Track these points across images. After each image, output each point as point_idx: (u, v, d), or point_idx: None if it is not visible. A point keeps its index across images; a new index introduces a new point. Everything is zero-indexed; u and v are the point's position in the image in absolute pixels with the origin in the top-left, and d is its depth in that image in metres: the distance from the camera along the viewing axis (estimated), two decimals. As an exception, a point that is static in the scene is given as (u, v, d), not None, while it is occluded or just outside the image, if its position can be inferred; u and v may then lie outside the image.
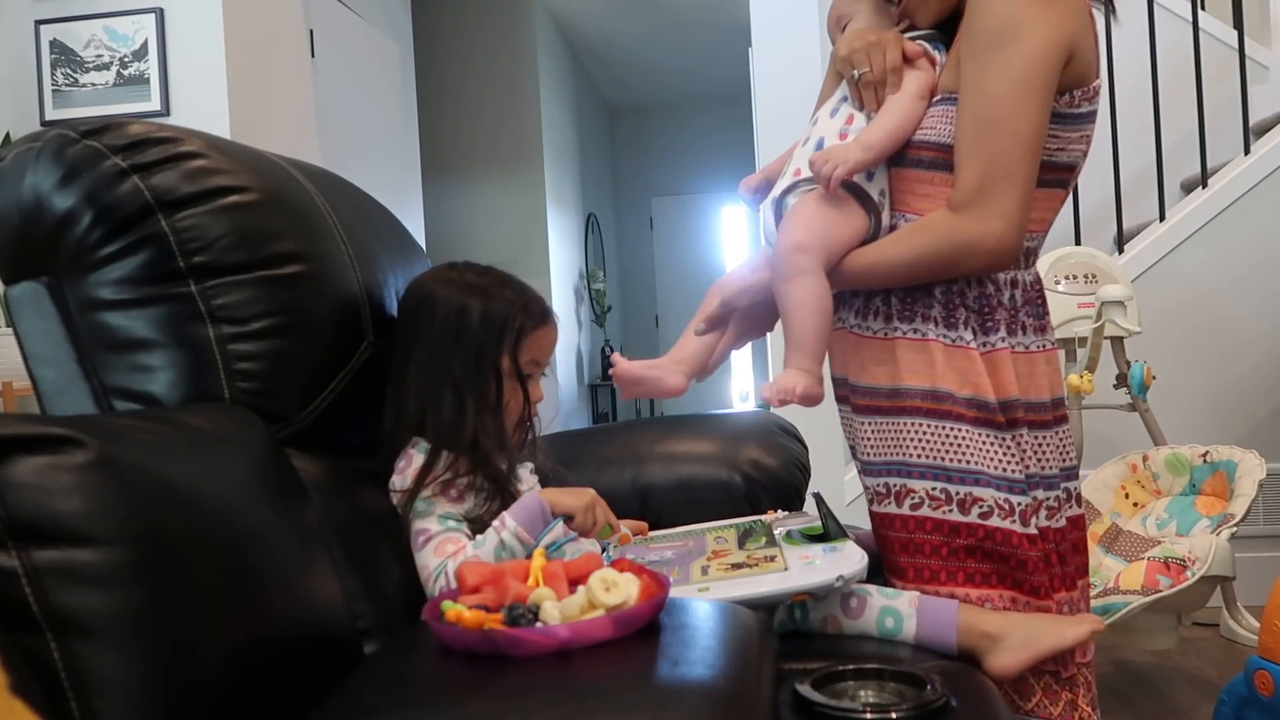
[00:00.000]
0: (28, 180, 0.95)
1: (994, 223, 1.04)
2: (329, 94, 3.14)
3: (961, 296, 1.11)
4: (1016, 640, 1.03)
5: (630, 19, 5.61)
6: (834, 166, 1.08)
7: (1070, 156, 1.12)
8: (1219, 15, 3.33)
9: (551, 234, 5.09)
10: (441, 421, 1.08)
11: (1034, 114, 1.04)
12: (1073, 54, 1.05)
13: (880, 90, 1.14)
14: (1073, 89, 1.07)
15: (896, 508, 1.13)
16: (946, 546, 1.10)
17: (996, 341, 1.10)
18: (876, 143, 1.11)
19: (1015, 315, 1.12)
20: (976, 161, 1.05)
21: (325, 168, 1.29)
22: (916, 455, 1.11)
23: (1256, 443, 2.42)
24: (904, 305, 1.13)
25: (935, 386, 1.10)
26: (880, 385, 1.15)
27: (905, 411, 1.12)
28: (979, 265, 1.08)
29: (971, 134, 1.06)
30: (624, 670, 0.71)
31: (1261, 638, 1.52)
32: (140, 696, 0.65)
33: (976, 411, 1.09)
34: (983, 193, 1.05)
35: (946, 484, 1.10)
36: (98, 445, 0.69)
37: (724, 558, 1.11)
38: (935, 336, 1.11)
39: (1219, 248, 2.83)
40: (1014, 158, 1.04)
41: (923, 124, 1.13)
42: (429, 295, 1.12)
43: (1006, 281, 1.12)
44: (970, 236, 1.06)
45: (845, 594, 1.08)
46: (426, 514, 1.06)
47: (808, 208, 1.14)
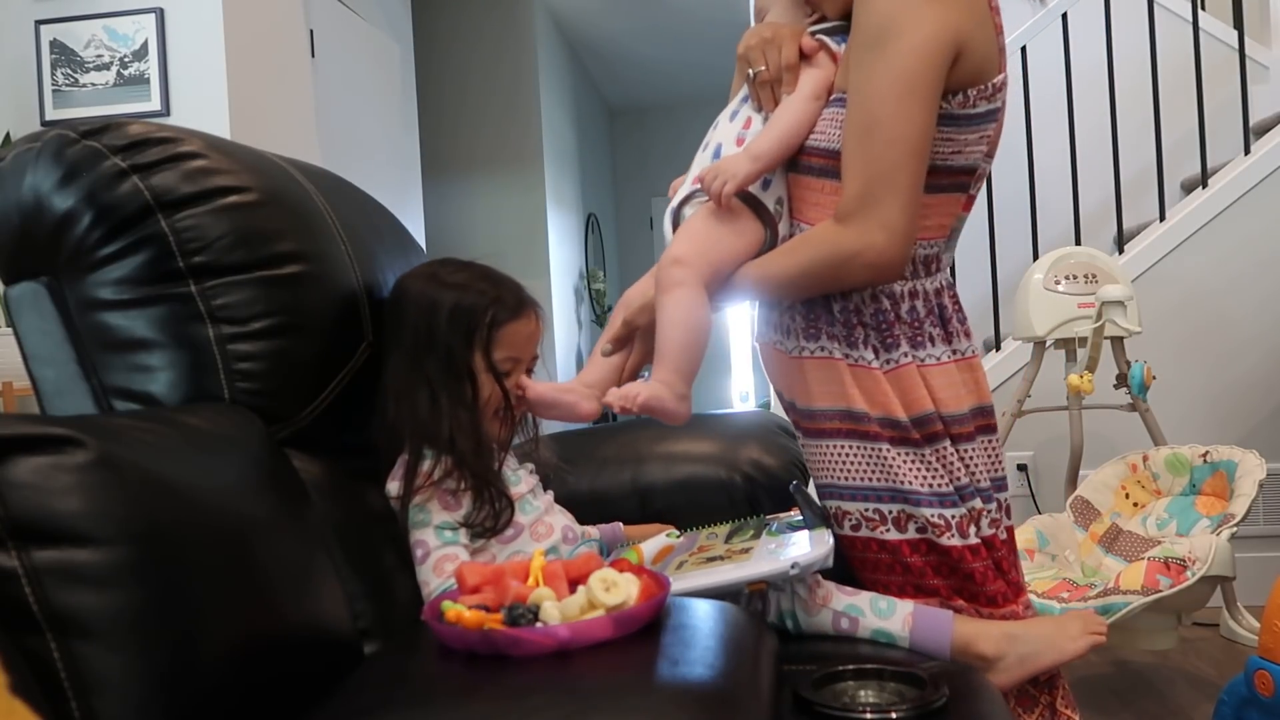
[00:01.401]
0: (28, 180, 0.95)
1: (876, 234, 1.00)
2: (329, 94, 3.14)
3: (859, 314, 1.07)
4: (1012, 660, 1.02)
5: (630, 19, 5.61)
6: (723, 182, 1.04)
7: (969, 159, 1.07)
8: (1219, 15, 3.33)
9: (551, 234, 5.08)
10: (419, 422, 1.06)
11: (916, 117, 0.98)
12: (961, 51, 0.99)
13: (776, 89, 1.10)
14: (966, 88, 1.02)
15: (840, 529, 1.11)
16: (899, 564, 1.08)
17: (900, 357, 1.06)
18: (765, 152, 1.06)
19: (919, 327, 1.08)
20: (858, 169, 1.00)
21: (325, 168, 1.29)
22: (843, 477, 1.09)
23: (1256, 443, 2.42)
24: (808, 323, 1.10)
25: (849, 407, 1.08)
26: (801, 405, 1.12)
27: (825, 434, 1.10)
28: (864, 279, 1.04)
29: (853, 140, 1.01)
30: (624, 670, 0.71)
31: (1261, 638, 1.52)
32: (140, 696, 0.65)
33: (891, 430, 1.06)
34: (865, 202, 1.00)
35: (878, 504, 1.07)
36: (98, 445, 0.69)
37: (705, 553, 1.11)
38: (840, 355, 1.08)
39: (1219, 248, 2.83)
40: (896, 165, 0.98)
41: (816, 128, 1.08)
42: (404, 293, 1.11)
43: (904, 293, 1.08)
44: (852, 249, 1.01)
45: (837, 614, 1.06)
46: (424, 524, 1.04)
47: (696, 221, 1.10)
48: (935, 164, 1.03)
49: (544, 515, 1.14)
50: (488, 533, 1.07)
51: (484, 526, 1.06)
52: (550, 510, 1.16)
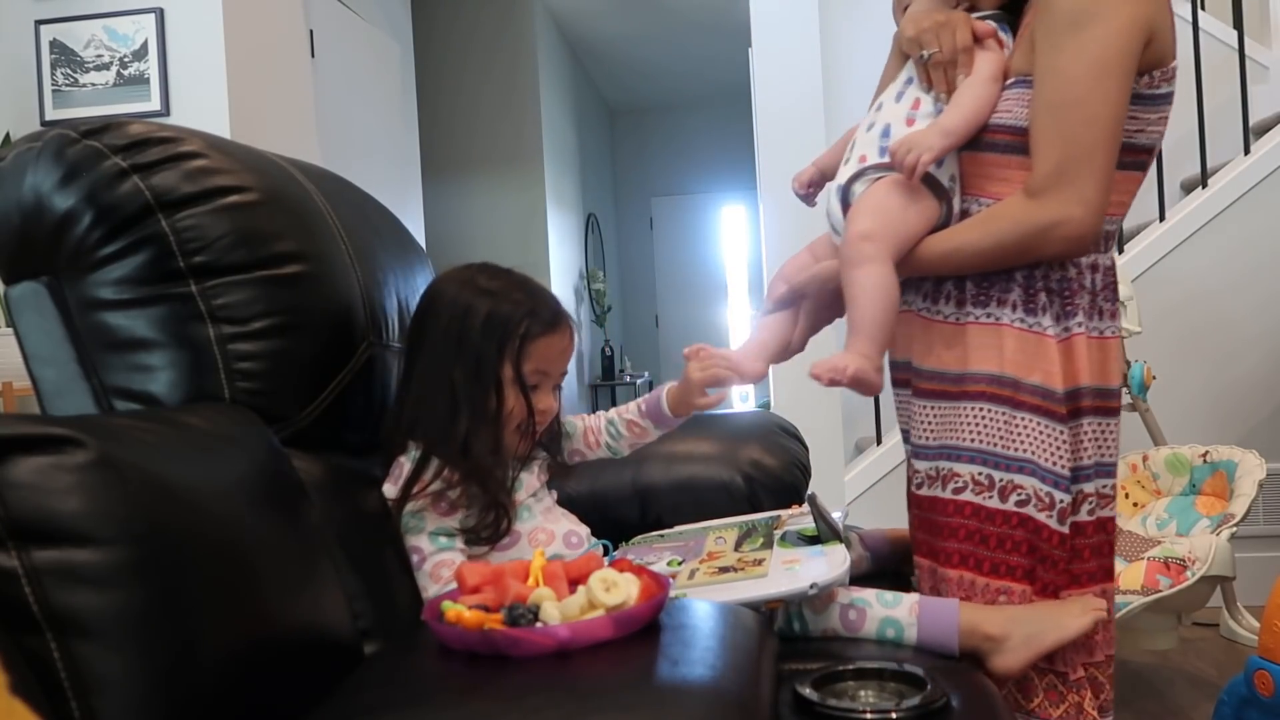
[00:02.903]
0: (28, 180, 0.95)
1: (1074, 208, 1.03)
2: (329, 94, 3.14)
3: (1045, 279, 1.09)
4: (1018, 640, 1.03)
5: (630, 19, 5.61)
6: (916, 155, 1.06)
7: (1150, 138, 1.11)
8: (1219, 15, 3.33)
9: (551, 234, 5.09)
10: (435, 429, 1.05)
11: (1113, 96, 1.02)
12: (1152, 36, 1.04)
13: (950, 71, 1.12)
14: (1152, 70, 1.06)
15: (941, 491, 1.13)
16: (979, 534, 1.10)
17: (1074, 326, 1.09)
18: (956, 128, 1.09)
19: (1095, 299, 1.11)
20: (1053, 145, 1.03)
21: (325, 168, 1.29)
22: (969, 439, 1.11)
23: (1256, 443, 2.42)
24: (979, 290, 1.12)
25: (1001, 372, 1.09)
26: (947, 370, 1.14)
27: (967, 396, 1.11)
28: (1056, 251, 1.07)
29: (1047, 118, 1.04)
30: (624, 670, 0.71)
31: (1261, 638, 1.52)
32: (140, 696, 0.65)
33: (1039, 400, 1.08)
34: (1061, 177, 1.03)
35: (993, 470, 1.09)
36: (98, 445, 0.69)
37: (716, 560, 1.11)
38: (1009, 321, 1.10)
39: (1219, 248, 2.83)
40: (1092, 141, 1.02)
41: (998, 107, 1.10)
42: (438, 295, 1.10)
43: (1088, 265, 1.10)
44: (1049, 221, 1.04)
45: (844, 605, 1.07)
46: (418, 530, 1.04)
47: (877, 196, 1.11)
48: (1122, 142, 1.06)
49: (544, 522, 1.13)
50: (484, 541, 1.06)
51: (479, 536, 1.06)
52: (551, 516, 1.15)
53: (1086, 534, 1.10)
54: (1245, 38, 2.96)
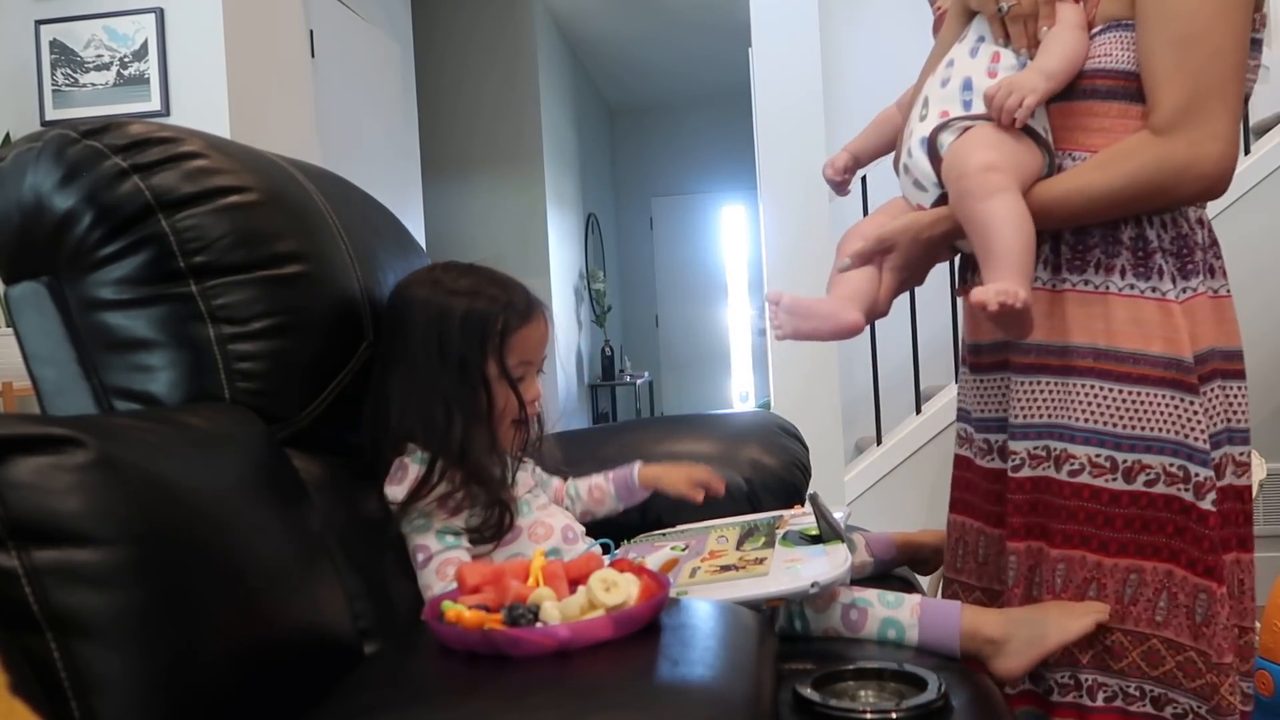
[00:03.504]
0: (28, 180, 0.95)
1: (1210, 144, 0.98)
2: (329, 94, 3.14)
3: (1159, 239, 1.04)
4: (1020, 643, 1.02)
5: (630, 19, 5.61)
6: (1020, 98, 1.01)
7: (1249, 85, 1.06)
8: (1219, 15, 3.33)
9: (551, 234, 5.09)
10: (433, 436, 1.05)
11: (1237, 30, 0.98)
12: None
13: (1030, 24, 1.06)
14: (1258, 10, 1.02)
15: (1055, 472, 1.07)
16: (1103, 515, 1.05)
17: (1197, 286, 1.04)
18: (1058, 70, 1.03)
19: (1207, 256, 1.06)
20: (1179, 81, 0.98)
21: (325, 168, 1.29)
22: (1082, 419, 1.06)
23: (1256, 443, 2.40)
24: (1075, 254, 1.07)
25: (1110, 345, 1.04)
26: (1047, 342, 1.08)
27: (1074, 371, 1.06)
28: (1192, 192, 1.01)
29: (1168, 53, 0.99)
30: (624, 670, 0.71)
31: (1262, 638, 1.52)
32: (140, 696, 0.65)
33: (1163, 371, 1.03)
34: (1192, 113, 0.98)
35: (1114, 451, 1.04)
36: (98, 445, 0.69)
37: (717, 559, 1.11)
38: (1116, 289, 1.05)
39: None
40: (1221, 75, 0.98)
41: (1094, 52, 1.05)
42: (409, 302, 1.09)
43: (1197, 220, 1.06)
44: (1184, 160, 0.99)
45: (845, 605, 1.07)
46: (425, 529, 1.04)
47: (987, 134, 1.04)
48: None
49: (542, 516, 1.13)
50: (488, 538, 1.07)
51: (483, 533, 1.06)
52: (548, 511, 1.16)
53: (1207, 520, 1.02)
54: (1245, 38, 2.95)
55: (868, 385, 2.95)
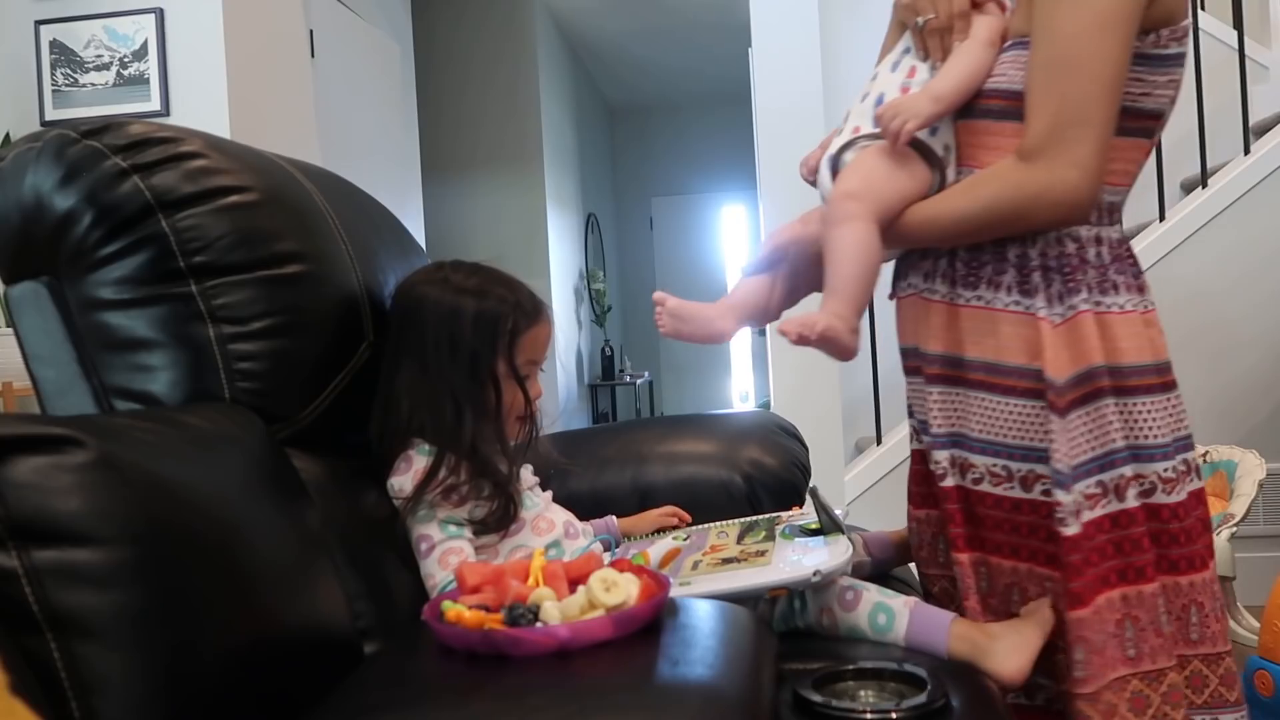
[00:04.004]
0: (28, 180, 0.95)
1: (1068, 171, 0.98)
2: (329, 94, 3.14)
3: (1041, 258, 1.05)
4: (1012, 643, 1.01)
5: (630, 19, 5.61)
6: (903, 121, 1.02)
7: (1157, 103, 1.05)
8: (1219, 15, 3.33)
9: (551, 234, 5.09)
10: (443, 429, 1.06)
11: (1112, 54, 0.97)
12: None
13: (946, 38, 1.08)
14: (1160, 28, 1.01)
15: (960, 480, 1.09)
16: (1009, 522, 1.06)
17: (1079, 304, 1.03)
18: (946, 94, 1.05)
19: (1104, 274, 1.06)
20: (1048, 106, 0.98)
21: (325, 168, 1.29)
22: (977, 430, 1.07)
23: (1256, 442, 2.42)
24: (969, 270, 1.08)
25: (998, 360, 1.05)
26: (945, 353, 1.10)
27: (966, 383, 1.08)
28: (1050, 218, 1.02)
29: (1043, 77, 0.99)
30: (624, 670, 0.71)
31: (1261, 638, 1.52)
32: (140, 696, 0.65)
33: (1036, 384, 1.03)
34: (1055, 139, 0.98)
35: (1008, 461, 1.05)
36: (98, 445, 0.69)
37: (718, 553, 1.11)
38: (1002, 305, 1.06)
39: (1219, 248, 2.83)
40: (1090, 101, 0.97)
41: (993, 71, 1.06)
42: (419, 300, 1.10)
43: (1090, 239, 1.06)
44: (1041, 186, 0.99)
45: (843, 586, 1.07)
46: (428, 519, 1.04)
47: (866, 159, 1.08)
48: (1125, 106, 1.01)
49: (544, 511, 1.14)
50: (493, 529, 1.07)
51: (488, 524, 1.07)
52: (549, 507, 1.17)
53: (1119, 526, 1.01)
54: (1245, 38, 2.95)
55: (868, 385, 2.95)
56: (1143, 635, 1.01)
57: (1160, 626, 1.02)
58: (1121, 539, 1.02)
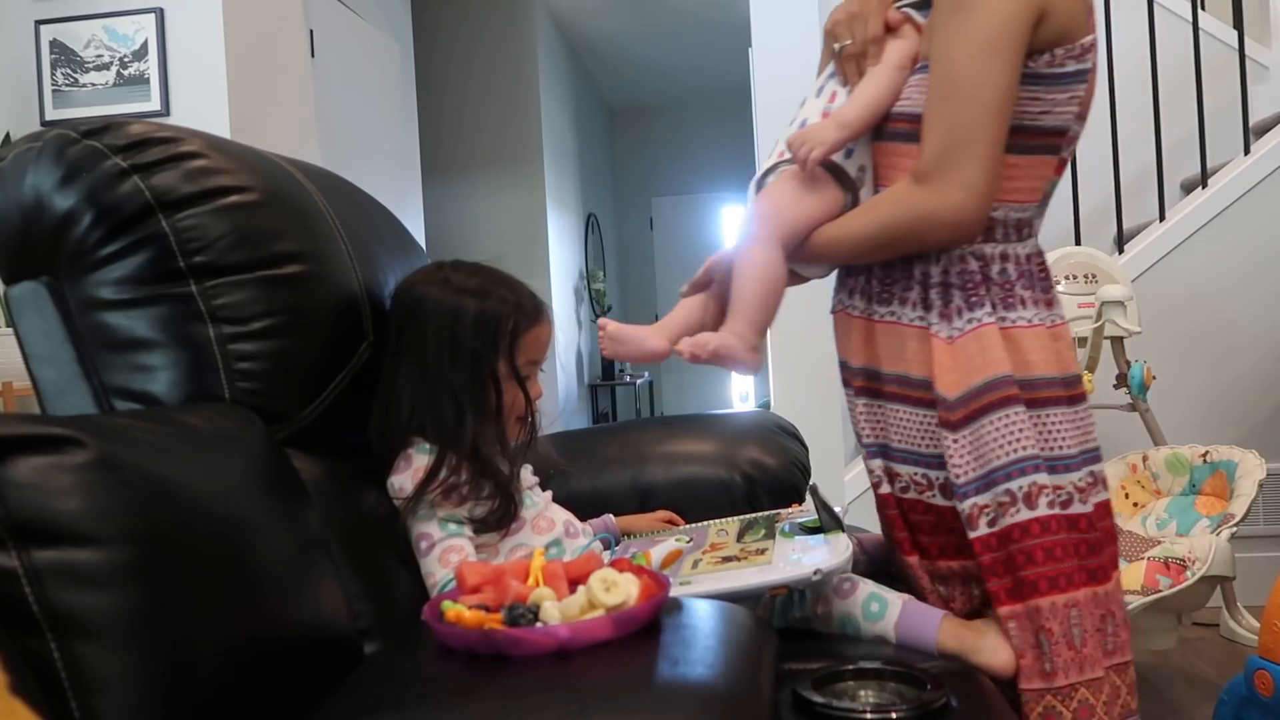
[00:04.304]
0: (28, 180, 0.95)
1: (955, 193, 1.01)
2: (329, 94, 3.14)
3: (944, 275, 1.07)
4: (1000, 637, 1.02)
5: (630, 18, 5.61)
6: (810, 148, 1.06)
7: (1059, 120, 1.07)
8: (1219, 15, 3.33)
9: (551, 234, 5.09)
10: (444, 429, 1.07)
11: (997, 78, 0.99)
12: (1045, 11, 1.01)
13: (861, 62, 1.12)
14: (1053, 47, 1.03)
15: (890, 489, 1.12)
16: (943, 526, 1.09)
17: (983, 317, 1.05)
18: (851, 120, 1.08)
19: (1010, 290, 1.07)
20: (938, 130, 1.02)
21: (325, 168, 1.29)
22: (897, 440, 1.10)
23: (1256, 443, 2.42)
24: (883, 287, 1.11)
25: (908, 373, 1.09)
26: (866, 366, 1.13)
27: (884, 395, 1.11)
28: (941, 238, 1.05)
29: (934, 101, 1.03)
30: (624, 670, 0.71)
31: (1261, 638, 1.52)
32: (140, 696, 0.65)
33: (926, 395, 1.07)
34: (944, 162, 1.01)
35: (926, 469, 1.09)
36: (98, 445, 0.69)
37: (719, 551, 1.11)
38: (908, 321, 1.09)
39: (1219, 248, 2.83)
40: (975, 125, 1.00)
41: (903, 94, 1.09)
42: (419, 300, 1.10)
43: (995, 255, 1.07)
44: (930, 207, 1.02)
45: (840, 576, 1.07)
46: (428, 518, 1.05)
47: (779, 185, 1.12)
48: (1024, 124, 1.04)
49: (544, 510, 1.15)
50: (493, 528, 1.08)
51: (488, 523, 1.07)
52: (549, 506, 1.17)
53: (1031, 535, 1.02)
54: (1245, 38, 2.95)
55: (868, 385, 2.95)
56: (1056, 649, 1.01)
57: (1072, 639, 1.01)
58: (1033, 548, 1.02)
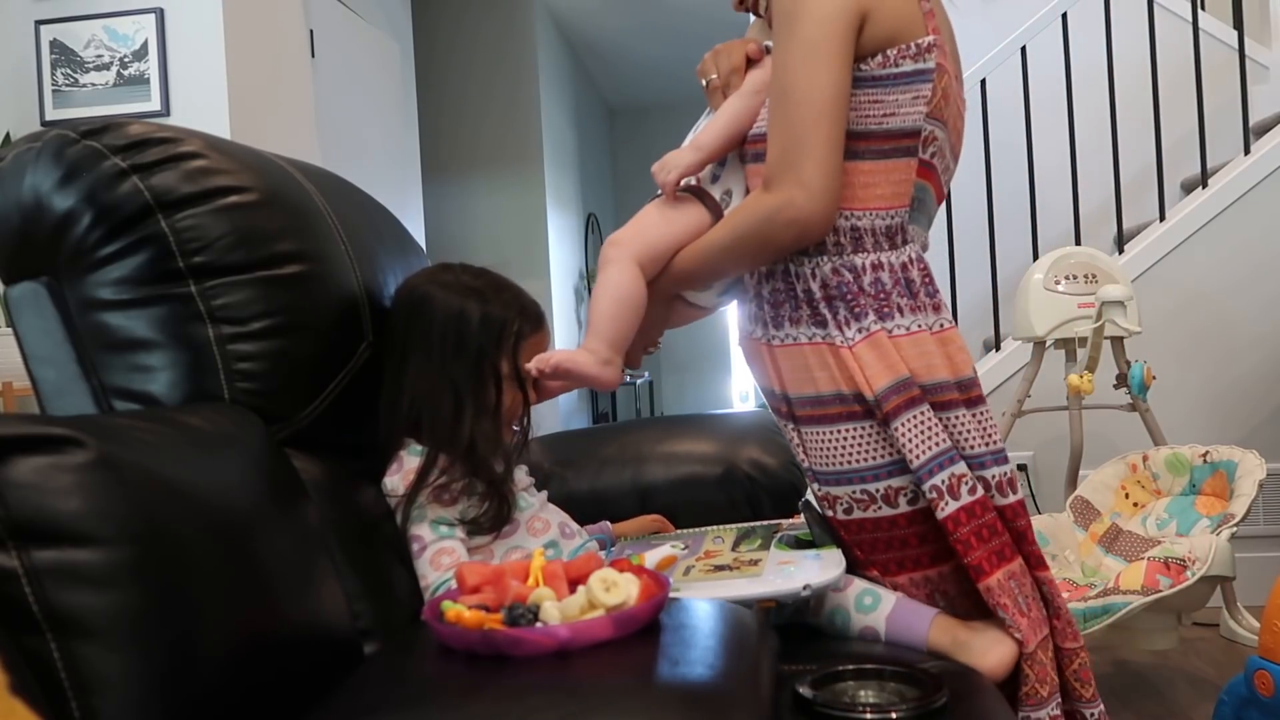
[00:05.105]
0: (28, 180, 0.95)
1: (794, 191, 1.04)
2: (329, 94, 3.14)
3: (824, 289, 1.09)
4: (991, 639, 1.03)
5: (630, 18, 5.61)
6: (667, 172, 1.13)
7: (907, 121, 1.08)
8: (1219, 15, 3.33)
9: (551, 234, 5.08)
10: (439, 426, 1.07)
11: (820, 80, 1.03)
12: (866, 15, 1.04)
13: (727, 93, 1.18)
14: (884, 49, 1.06)
15: (833, 513, 1.12)
16: (898, 538, 1.09)
17: (870, 325, 1.07)
18: (707, 143, 1.14)
19: (885, 299, 1.09)
20: (778, 136, 1.06)
21: (325, 168, 1.29)
22: (824, 462, 1.10)
23: (1256, 443, 2.42)
24: (774, 310, 1.13)
25: (817, 391, 1.09)
26: (777, 391, 1.14)
27: (799, 419, 1.12)
28: (788, 236, 1.07)
29: (771, 109, 1.08)
30: (624, 670, 0.71)
31: (1261, 638, 1.52)
32: (140, 696, 0.65)
33: (859, 406, 1.07)
34: (783, 164, 1.05)
35: (863, 484, 1.08)
36: (98, 445, 0.69)
37: (712, 559, 1.11)
38: (806, 340, 1.10)
39: (1219, 248, 2.83)
40: (807, 126, 1.03)
41: (761, 117, 1.13)
42: (425, 298, 1.11)
43: (867, 265, 1.09)
44: (774, 208, 1.06)
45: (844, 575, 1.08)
46: (419, 520, 1.05)
47: (646, 209, 1.18)
48: (870, 129, 1.08)
49: (539, 511, 1.15)
50: (486, 530, 1.08)
51: (481, 524, 1.07)
52: (544, 508, 1.17)
53: (963, 522, 1.05)
54: (1245, 38, 2.96)
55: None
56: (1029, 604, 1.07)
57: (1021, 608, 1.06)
58: (980, 527, 1.06)
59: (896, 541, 1.09)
